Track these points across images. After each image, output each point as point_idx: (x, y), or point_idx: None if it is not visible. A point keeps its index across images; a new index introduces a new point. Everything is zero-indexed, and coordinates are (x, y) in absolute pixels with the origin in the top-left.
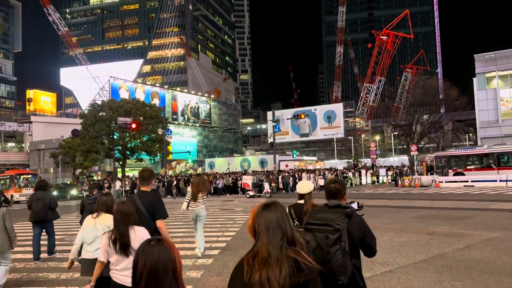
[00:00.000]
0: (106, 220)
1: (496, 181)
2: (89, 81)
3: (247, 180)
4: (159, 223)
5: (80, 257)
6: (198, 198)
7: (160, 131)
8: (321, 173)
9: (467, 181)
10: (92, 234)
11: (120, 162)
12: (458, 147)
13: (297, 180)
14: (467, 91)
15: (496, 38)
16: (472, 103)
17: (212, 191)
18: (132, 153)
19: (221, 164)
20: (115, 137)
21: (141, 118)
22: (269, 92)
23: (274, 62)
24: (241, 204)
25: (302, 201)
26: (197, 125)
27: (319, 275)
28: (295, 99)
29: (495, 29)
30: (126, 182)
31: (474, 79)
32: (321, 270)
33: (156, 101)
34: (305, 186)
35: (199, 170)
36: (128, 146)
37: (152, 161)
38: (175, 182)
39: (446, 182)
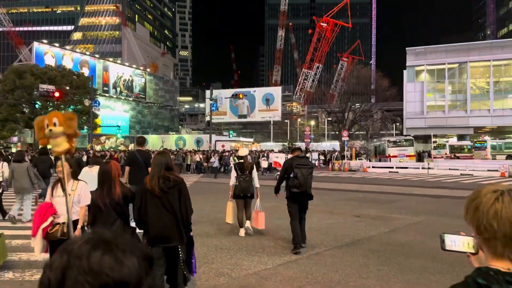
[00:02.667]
0: None
1: (419, 168)
2: (11, 44)
3: (279, 158)
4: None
5: None
6: None
7: (87, 102)
8: (265, 155)
9: (392, 167)
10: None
11: None
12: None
13: (260, 160)
14: (397, 83)
15: (430, 33)
16: (401, 95)
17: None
18: None
19: (154, 142)
20: (37, 106)
21: (67, 88)
22: (210, 72)
23: (216, 41)
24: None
25: (242, 160)
26: (131, 99)
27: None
28: (235, 80)
29: (429, 25)
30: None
31: (405, 71)
32: (182, 179)
33: (85, 71)
34: (244, 151)
35: (131, 147)
36: None
37: None
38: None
39: (372, 167)
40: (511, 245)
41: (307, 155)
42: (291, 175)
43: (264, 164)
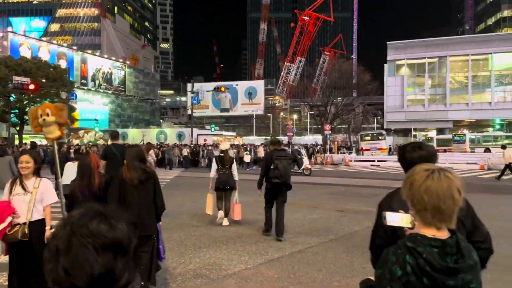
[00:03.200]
0: None
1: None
2: None
3: None
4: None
5: None
6: None
7: (63, 95)
8: (248, 149)
9: (374, 161)
10: None
11: (17, 128)
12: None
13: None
14: (378, 77)
15: (410, 27)
16: (382, 89)
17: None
18: None
19: (135, 136)
20: (11, 99)
21: (43, 80)
22: (191, 65)
23: (198, 34)
24: None
25: (222, 154)
26: (110, 92)
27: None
28: (217, 74)
29: (410, 19)
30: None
31: (385, 66)
32: (154, 173)
33: (63, 63)
34: (225, 145)
35: (110, 141)
36: (27, 110)
37: None
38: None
39: (355, 160)
40: (438, 216)
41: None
42: (271, 167)
43: (246, 158)
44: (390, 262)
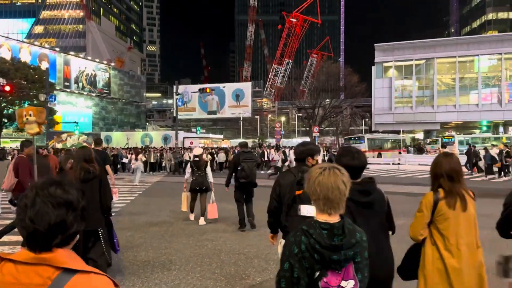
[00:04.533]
0: None
1: (389, 164)
2: None
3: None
4: (107, 167)
5: None
6: None
7: (42, 97)
8: (236, 151)
9: None
10: None
11: None
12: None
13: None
14: (366, 80)
15: (397, 31)
16: (370, 91)
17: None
18: (10, 121)
19: (119, 139)
20: None
21: (23, 82)
22: (179, 68)
23: (185, 37)
24: None
25: (197, 159)
26: (94, 94)
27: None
28: (205, 76)
29: (397, 22)
30: None
31: (373, 67)
32: (102, 171)
33: (45, 65)
34: (198, 150)
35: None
36: (5, 112)
37: None
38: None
39: None
40: (329, 204)
41: (273, 150)
42: (239, 168)
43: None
44: (290, 242)
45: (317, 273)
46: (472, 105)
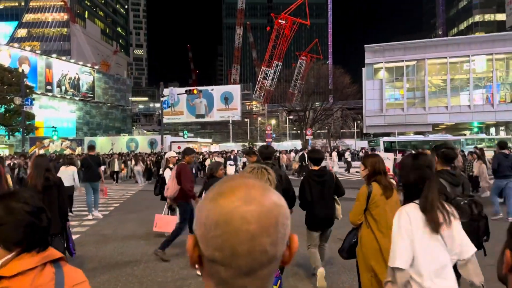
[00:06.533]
0: None
1: None
2: None
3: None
4: (100, 169)
5: None
6: None
7: (17, 100)
8: (232, 157)
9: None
10: None
11: None
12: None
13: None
14: (357, 81)
15: (385, 34)
16: (361, 93)
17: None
18: None
19: (103, 144)
20: None
21: None
22: (166, 71)
23: (172, 40)
24: None
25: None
26: (77, 98)
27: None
28: (193, 80)
29: (384, 26)
30: None
31: (363, 69)
32: (60, 179)
33: (26, 68)
34: (172, 153)
35: (78, 151)
36: None
37: (8, 137)
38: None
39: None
40: None
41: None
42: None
43: (230, 170)
44: None
45: None
46: (464, 106)
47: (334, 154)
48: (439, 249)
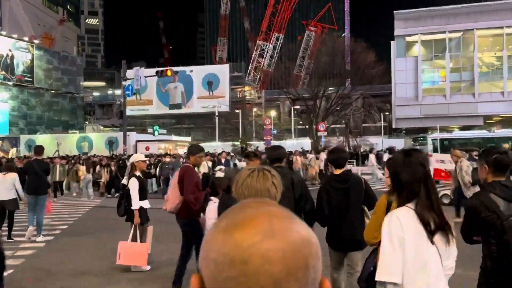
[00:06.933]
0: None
1: None
2: None
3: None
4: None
5: None
6: None
7: None
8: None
9: None
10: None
11: None
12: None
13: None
14: (383, 59)
15: None
16: (389, 74)
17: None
18: None
19: (47, 144)
20: None
21: None
22: (130, 47)
23: (138, 6)
24: None
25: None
26: (10, 83)
27: None
28: (165, 58)
29: None
30: None
31: (392, 43)
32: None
33: None
34: (139, 156)
35: (12, 153)
36: None
37: None
38: None
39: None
40: None
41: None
42: None
43: (219, 174)
44: None
45: None
46: None
47: (372, 156)
48: (434, 261)
